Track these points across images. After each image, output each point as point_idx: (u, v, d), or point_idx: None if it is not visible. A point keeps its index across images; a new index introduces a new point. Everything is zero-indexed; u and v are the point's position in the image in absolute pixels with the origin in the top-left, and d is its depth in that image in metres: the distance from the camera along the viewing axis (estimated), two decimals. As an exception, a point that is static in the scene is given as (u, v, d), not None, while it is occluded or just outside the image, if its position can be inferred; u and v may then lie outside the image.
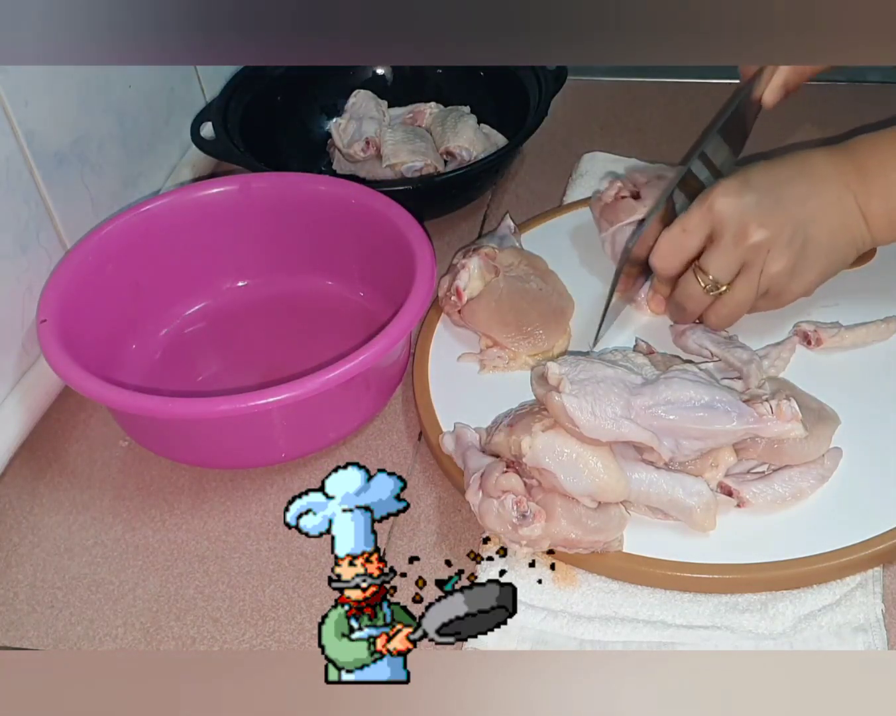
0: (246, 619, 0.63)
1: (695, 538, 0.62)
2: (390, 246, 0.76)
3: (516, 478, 0.61)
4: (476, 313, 0.76)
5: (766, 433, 0.62)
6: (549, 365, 0.63)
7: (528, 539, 0.61)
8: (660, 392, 0.62)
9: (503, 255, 0.79)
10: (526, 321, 0.75)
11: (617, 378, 0.63)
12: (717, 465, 0.64)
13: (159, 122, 0.93)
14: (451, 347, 0.77)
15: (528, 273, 0.78)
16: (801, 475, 0.64)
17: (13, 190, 0.74)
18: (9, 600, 0.65)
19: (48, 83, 0.77)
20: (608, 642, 0.59)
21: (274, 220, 0.83)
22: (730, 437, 0.63)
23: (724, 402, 0.62)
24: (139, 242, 0.79)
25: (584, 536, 0.60)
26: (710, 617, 0.60)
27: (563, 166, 0.96)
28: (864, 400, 0.69)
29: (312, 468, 0.72)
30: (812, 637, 0.58)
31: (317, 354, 0.72)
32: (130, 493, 0.71)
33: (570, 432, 0.61)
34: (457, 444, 0.67)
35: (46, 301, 0.72)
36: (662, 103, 1.06)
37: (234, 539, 0.68)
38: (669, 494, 0.62)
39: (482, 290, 0.76)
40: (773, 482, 0.63)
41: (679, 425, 0.61)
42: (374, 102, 1.00)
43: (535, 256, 0.80)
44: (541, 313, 0.76)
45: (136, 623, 0.63)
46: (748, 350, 0.71)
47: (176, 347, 0.82)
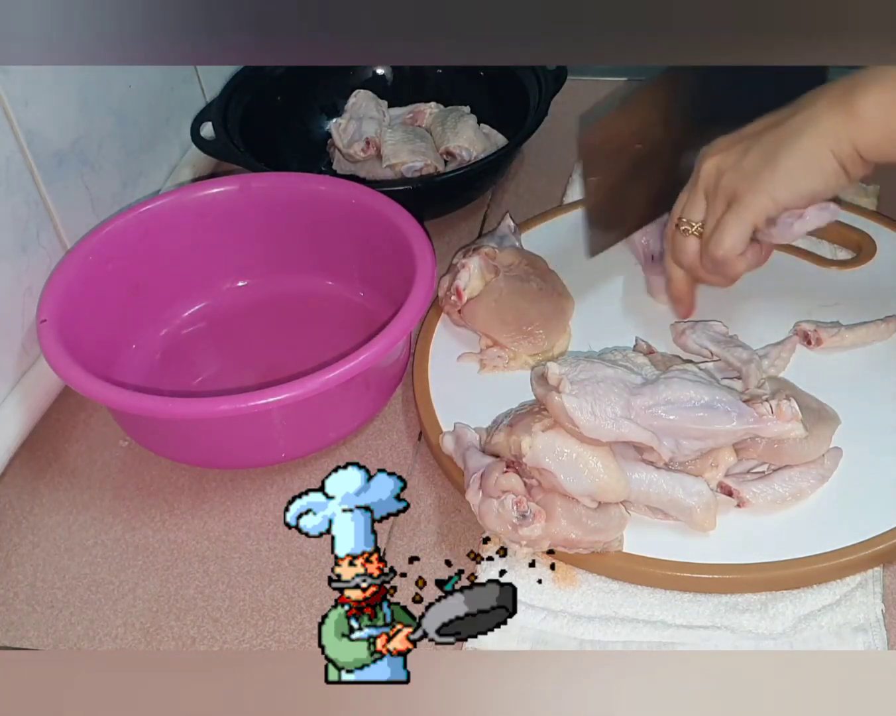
0: (246, 619, 0.63)
1: (695, 538, 0.62)
2: (390, 246, 0.76)
3: (516, 478, 0.61)
4: (476, 313, 0.76)
5: (766, 433, 0.62)
6: (549, 365, 0.63)
7: (528, 539, 0.61)
8: (660, 392, 0.62)
9: (503, 254, 0.79)
10: (526, 321, 0.75)
11: (617, 378, 0.63)
12: (717, 465, 0.64)
13: (159, 122, 0.93)
14: (451, 347, 0.77)
15: (529, 273, 0.78)
16: (802, 475, 0.64)
17: (13, 190, 0.74)
18: (9, 600, 0.65)
19: (48, 83, 0.77)
20: (608, 642, 0.59)
21: (274, 220, 0.83)
22: (730, 437, 0.63)
23: (724, 402, 0.62)
24: (139, 242, 0.79)
25: (584, 536, 0.60)
26: (710, 617, 0.60)
27: (563, 166, 0.96)
28: (864, 400, 0.69)
29: (312, 468, 0.72)
30: (812, 637, 0.58)
31: (317, 354, 0.72)
32: (130, 493, 0.71)
33: (570, 432, 0.61)
34: (457, 444, 0.67)
35: (46, 301, 0.72)
36: (662, 103, 1.06)
37: (234, 539, 0.68)
38: (669, 494, 0.62)
39: (482, 290, 0.76)
40: (773, 482, 0.63)
41: (679, 425, 0.61)
42: (374, 102, 1.00)
43: (535, 256, 0.80)
44: (541, 313, 0.76)
45: (136, 623, 0.63)
46: (748, 350, 0.71)
47: (176, 347, 0.82)
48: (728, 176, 0.67)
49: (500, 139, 0.96)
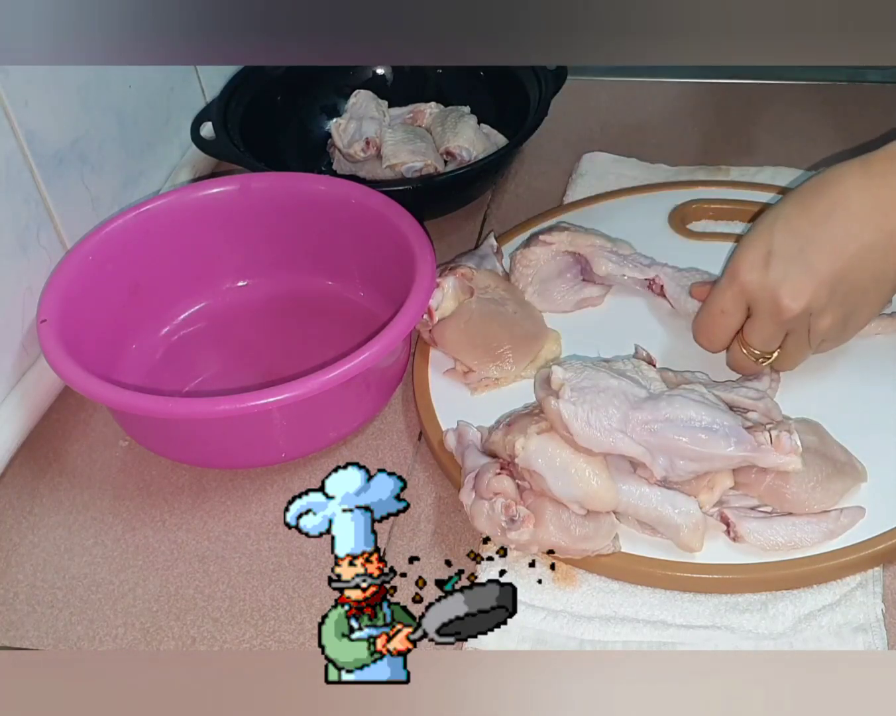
0: (246, 619, 0.63)
1: (695, 538, 0.62)
2: (390, 246, 0.76)
3: (508, 480, 0.61)
4: (444, 335, 0.74)
5: (762, 463, 0.61)
6: (554, 368, 0.63)
7: (516, 543, 0.60)
8: (660, 409, 0.61)
9: (480, 276, 0.77)
10: (495, 344, 0.72)
11: (619, 390, 0.62)
12: (712, 487, 0.62)
13: (159, 122, 0.93)
14: (451, 347, 0.76)
15: (504, 297, 0.76)
16: (807, 526, 0.61)
17: (13, 190, 0.74)
18: (9, 600, 0.65)
19: (48, 83, 0.77)
20: (608, 641, 0.59)
21: (274, 220, 0.83)
22: (726, 462, 0.61)
23: (724, 426, 0.61)
24: (139, 242, 0.79)
25: (572, 543, 0.60)
26: (710, 617, 0.60)
27: (563, 166, 0.96)
28: (864, 398, 0.69)
29: (312, 468, 0.72)
30: (812, 637, 0.58)
31: (317, 354, 0.72)
32: (130, 493, 0.71)
33: (564, 439, 0.61)
34: (458, 442, 0.67)
35: (46, 301, 0.72)
36: (662, 103, 1.06)
37: (234, 539, 0.68)
38: (658, 510, 0.61)
39: (454, 311, 0.74)
40: (773, 525, 0.61)
41: (675, 444, 0.60)
42: (374, 103, 1.00)
43: (512, 286, 0.78)
44: (511, 336, 0.73)
45: (136, 623, 0.63)
46: (750, 388, 0.68)
47: (176, 347, 0.82)
48: (825, 321, 0.65)
49: (501, 139, 0.96)
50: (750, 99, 1.04)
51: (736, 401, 0.66)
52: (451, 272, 0.76)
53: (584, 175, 0.94)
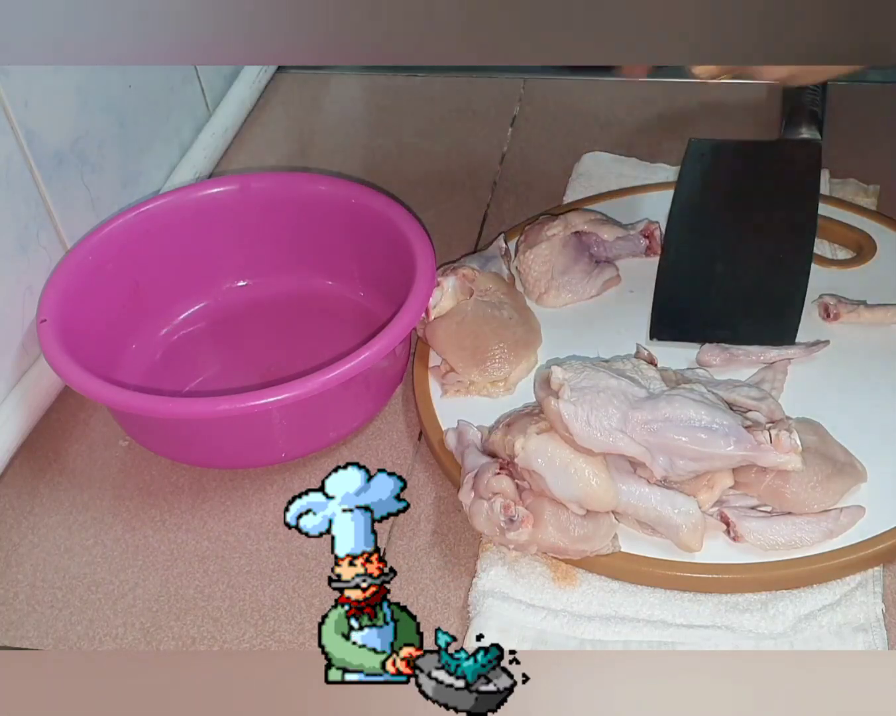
0: (246, 619, 0.63)
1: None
2: (390, 246, 0.76)
3: (508, 480, 0.61)
4: (435, 333, 0.73)
5: (761, 462, 0.61)
6: (554, 369, 0.63)
7: (515, 543, 0.60)
8: (660, 408, 0.61)
9: (483, 278, 0.76)
10: (483, 348, 0.72)
11: (619, 389, 0.62)
12: (712, 486, 0.62)
13: (159, 122, 0.93)
14: (451, 347, 0.76)
15: (503, 301, 0.75)
16: (807, 525, 0.61)
17: (13, 190, 0.74)
18: (9, 600, 0.65)
19: (48, 83, 0.77)
20: (608, 641, 0.59)
21: (274, 220, 0.83)
22: (725, 461, 0.61)
23: (723, 425, 0.61)
24: (139, 242, 0.79)
25: (571, 544, 0.60)
26: (710, 617, 0.60)
27: (563, 166, 0.96)
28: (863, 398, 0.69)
29: (312, 468, 0.72)
30: (812, 637, 0.58)
31: (317, 354, 0.72)
32: (130, 493, 0.71)
33: (564, 439, 0.61)
34: (458, 441, 0.67)
35: (46, 301, 0.72)
36: (662, 103, 1.06)
37: (234, 539, 0.68)
38: (658, 509, 0.61)
39: (449, 310, 0.74)
40: (773, 525, 0.61)
41: (674, 444, 0.60)
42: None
43: (514, 290, 0.78)
44: (501, 341, 0.73)
45: (136, 623, 0.63)
46: (752, 387, 0.68)
47: (176, 347, 0.82)
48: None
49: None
50: (750, 99, 1.04)
51: (737, 401, 0.66)
52: (452, 272, 0.76)
53: (584, 175, 0.94)
